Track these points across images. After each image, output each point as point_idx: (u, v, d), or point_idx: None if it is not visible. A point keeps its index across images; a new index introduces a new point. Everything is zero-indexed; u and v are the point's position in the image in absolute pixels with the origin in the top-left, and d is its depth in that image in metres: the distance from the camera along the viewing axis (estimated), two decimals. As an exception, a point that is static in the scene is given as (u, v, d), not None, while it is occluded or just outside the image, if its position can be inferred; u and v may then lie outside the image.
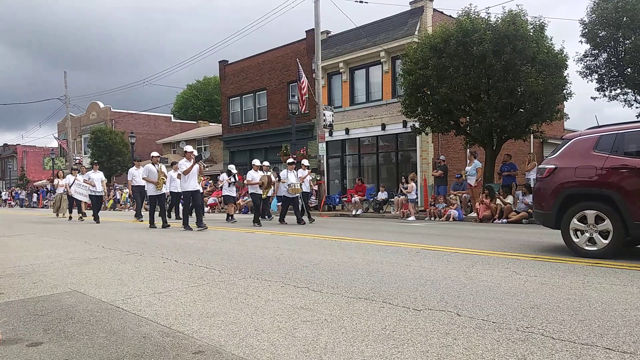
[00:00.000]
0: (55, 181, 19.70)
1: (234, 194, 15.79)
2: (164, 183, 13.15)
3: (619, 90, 16.69)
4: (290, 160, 14.18)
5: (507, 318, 3.33)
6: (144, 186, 14.50)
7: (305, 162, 14.49)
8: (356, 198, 18.19)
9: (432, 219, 14.79)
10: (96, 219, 15.01)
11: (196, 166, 11.38)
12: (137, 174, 15.04)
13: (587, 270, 5.13)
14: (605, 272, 5.01)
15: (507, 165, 15.17)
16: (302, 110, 21.88)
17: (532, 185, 13.63)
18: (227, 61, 31.12)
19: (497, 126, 14.96)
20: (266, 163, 14.09)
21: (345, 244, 7.85)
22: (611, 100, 16.78)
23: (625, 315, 3.38)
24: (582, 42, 16.11)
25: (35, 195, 41.75)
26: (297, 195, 13.31)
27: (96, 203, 15.74)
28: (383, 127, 21.89)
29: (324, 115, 20.28)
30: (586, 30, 15.74)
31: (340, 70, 23.71)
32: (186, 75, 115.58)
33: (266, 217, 15.58)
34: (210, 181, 25.25)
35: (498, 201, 13.40)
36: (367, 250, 7.16)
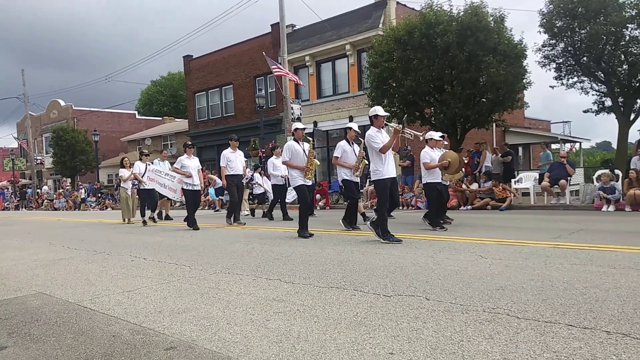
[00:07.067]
0: (121, 172, 14.03)
1: None
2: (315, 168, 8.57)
3: (575, 79, 17.24)
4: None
5: (474, 300, 3.43)
6: (242, 175, 11.60)
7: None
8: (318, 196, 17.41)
9: (401, 208, 15.00)
10: (192, 223, 10.24)
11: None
12: (234, 159, 11.09)
13: (549, 252, 5.32)
14: (566, 253, 5.20)
15: (475, 153, 15.60)
16: (299, 85, 20.73)
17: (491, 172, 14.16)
18: (192, 56, 30.61)
19: (460, 116, 15.31)
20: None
21: (316, 236, 7.87)
22: (569, 88, 17.33)
23: (585, 293, 3.52)
24: (540, 32, 16.56)
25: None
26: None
27: (193, 202, 10.70)
28: (351, 119, 21.96)
29: (292, 108, 20.19)
30: (544, 20, 16.18)
31: (307, 64, 23.66)
32: (153, 70, 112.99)
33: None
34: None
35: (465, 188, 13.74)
36: (338, 240, 7.22)
